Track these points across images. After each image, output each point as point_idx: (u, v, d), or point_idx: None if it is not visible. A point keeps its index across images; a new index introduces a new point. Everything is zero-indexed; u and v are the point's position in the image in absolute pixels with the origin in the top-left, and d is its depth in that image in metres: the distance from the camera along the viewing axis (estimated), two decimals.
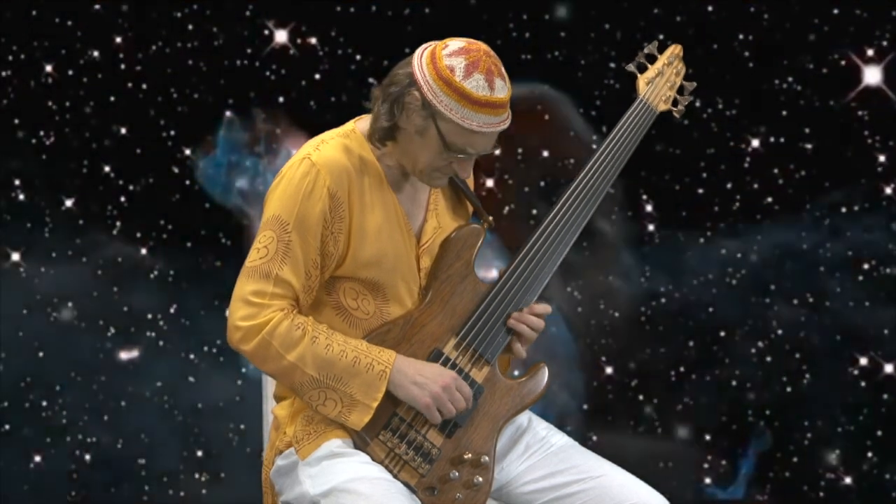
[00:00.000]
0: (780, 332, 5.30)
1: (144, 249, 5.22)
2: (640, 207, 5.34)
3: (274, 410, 3.01)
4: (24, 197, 5.19)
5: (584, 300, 5.35)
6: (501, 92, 2.81)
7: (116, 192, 5.23)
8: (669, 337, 5.33)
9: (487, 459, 2.90)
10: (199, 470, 5.20)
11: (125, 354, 5.21)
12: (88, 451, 5.17)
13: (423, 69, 2.81)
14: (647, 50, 3.15)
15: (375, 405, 2.83)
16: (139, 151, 5.23)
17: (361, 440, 2.86)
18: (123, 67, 5.22)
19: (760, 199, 5.32)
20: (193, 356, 5.22)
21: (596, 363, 5.34)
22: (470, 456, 2.89)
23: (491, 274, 3.06)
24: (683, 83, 3.17)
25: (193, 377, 5.21)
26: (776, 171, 5.31)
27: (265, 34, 5.27)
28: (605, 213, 5.33)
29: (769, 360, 5.30)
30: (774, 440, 5.31)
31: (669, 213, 5.34)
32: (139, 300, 5.22)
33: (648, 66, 3.15)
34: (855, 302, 5.26)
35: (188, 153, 5.27)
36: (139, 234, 5.22)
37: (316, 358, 2.82)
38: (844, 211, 5.26)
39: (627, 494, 2.94)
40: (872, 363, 5.26)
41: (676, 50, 3.17)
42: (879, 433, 5.26)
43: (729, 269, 5.31)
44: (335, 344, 2.84)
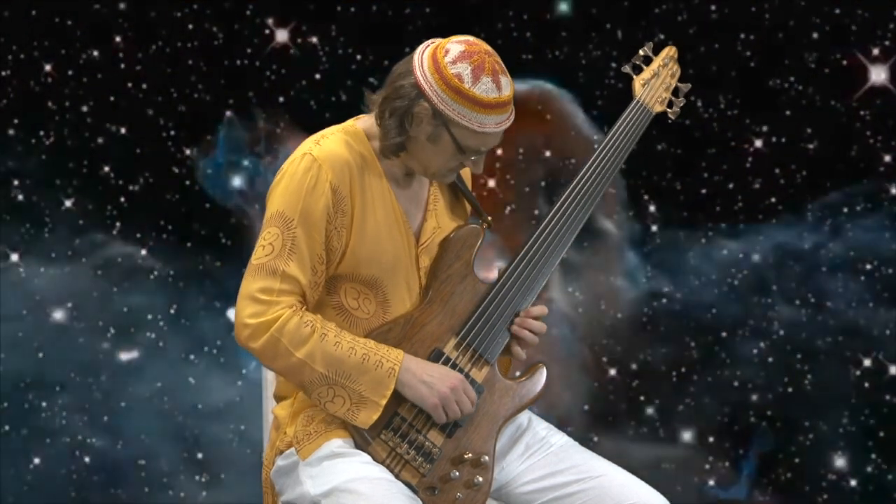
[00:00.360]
0: (781, 332, 5.30)
1: (144, 250, 5.22)
2: (641, 208, 5.34)
3: (274, 410, 3.03)
4: (23, 197, 5.18)
5: (585, 301, 5.35)
6: (507, 89, 2.87)
7: (116, 192, 5.22)
8: (671, 337, 5.33)
9: (487, 459, 2.93)
10: (198, 471, 5.20)
11: (125, 355, 5.21)
12: (88, 452, 5.17)
13: (427, 78, 2.84)
14: (642, 52, 3.18)
15: (384, 403, 2.85)
16: (139, 151, 5.23)
17: (363, 440, 2.88)
18: (123, 67, 5.21)
19: (762, 199, 5.33)
20: (193, 357, 5.21)
21: (598, 364, 5.35)
22: (470, 456, 2.92)
23: (493, 274, 3.08)
24: (678, 85, 3.20)
25: (193, 378, 5.21)
26: (778, 171, 5.31)
27: (266, 34, 5.27)
28: (607, 213, 5.33)
29: (771, 360, 5.31)
30: (777, 441, 5.32)
31: (671, 213, 5.34)
32: (139, 300, 5.20)
33: (644, 67, 3.19)
34: (858, 303, 5.26)
35: (188, 153, 5.26)
36: (139, 234, 5.21)
37: (325, 355, 2.84)
38: (847, 211, 5.26)
39: (627, 494, 2.97)
40: (875, 364, 5.27)
41: (671, 52, 3.21)
42: (882, 434, 5.26)
43: (731, 269, 5.31)
44: (344, 341, 2.86)
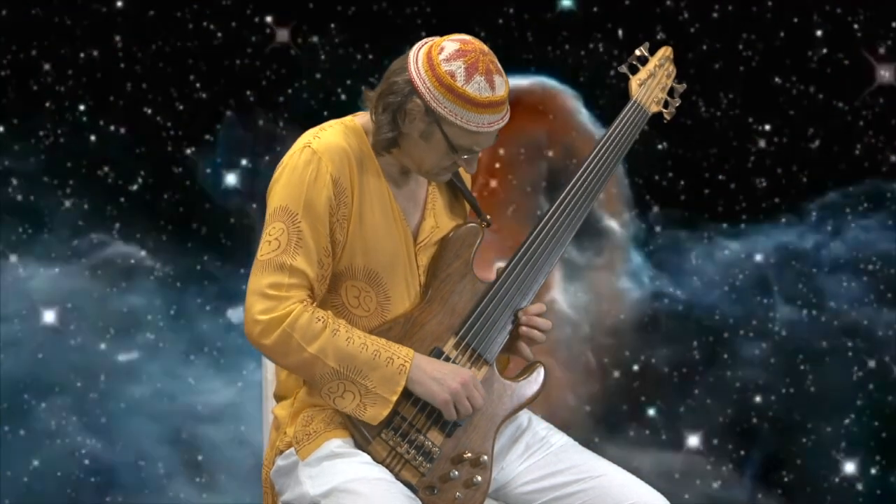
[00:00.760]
0: (784, 332, 5.32)
1: (143, 250, 5.23)
2: (644, 208, 5.36)
3: (274, 410, 3.06)
4: (21, 197, 5.18)
5: (587, 301, 5.37)
6: (501, 89, 2.89)
7: (116, 192, 5.23)
8: (673, 338, 5.36)
9: (486, 459, 2.96)
10: (198, 473, 5.21)
11: (124, 356, 5.22)
12: (86, 453, 5.18)
13: (421, 75, 2.87)
14: (638, 52, 3.22)
15: (395, 399, 2.88)
16: (139, 151, 5.24)
17: (363, 439, 2.92)
18: (123, 67, 5.23)
19: (765, 199, 5.35)
20: (193, 358, 5.22)
21: (600, 365, 5.37)
22: (469, 455, 2.96)
23: (493, 274, 3.12)
24: (674, 85, 3.25)
25: (192, 379, 5.22)
26: (780, 170, 5.33)
27: (266, 33, 5.29)
28: (610, 213, 5.34)
29: (774, 361, 5.33)
30: (780, 442, 5.35)
31: (673, 213, 5.35)
32: (138, 301, 5.21)
33: (640, 67, 3.22)
34: (861, 303, 5.28)
35: (188, 153, 5.27)
36: (139, 234, 5.22)
37: (337, 350, 2.87)
38: (851, 210, 5.28)
39: (627, 494, 3.00)
40: (879, 365, 5.28)
41: (667, 52, 3.25)
42: (884, 434, 5.29)
43: (734, 269, 5.33)
44: (356, 337, 2.89)
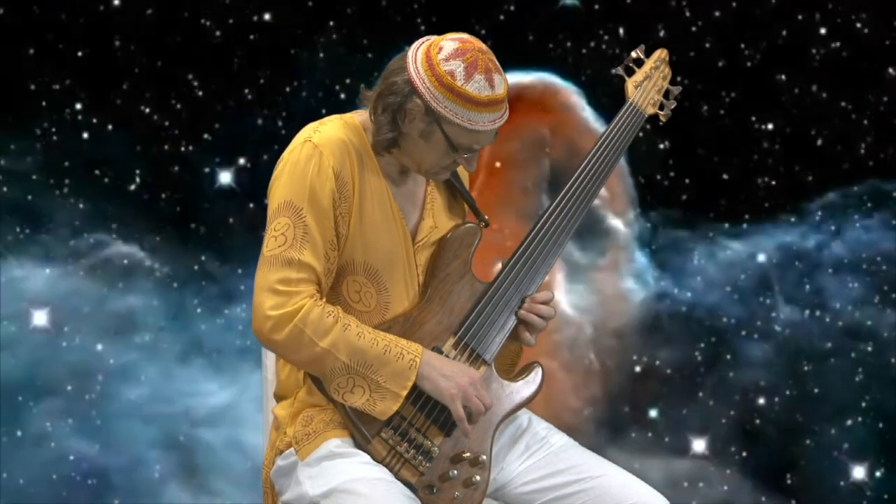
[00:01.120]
0: (787, 332, 5.35)
1: (142, 250, 5.24)
2: (646, 208, 5.39)
3: (274, 410, 3.10)
4: (18, 197, 5.19)
5: (590, 303, 5.40)
6: (500, 87, 2.94)
7: (114, 191, 5.23)
8: (676, 339, 5.39)
9: (485, 458, 3.01)
10: (197, 475, 5.23)
11: (122, 357, 5.23)
12: (81, 456, 5.19)
13: (420, 75, 2.92)
14: (634, 54, 3.29)
15: (405, 394, 2.93)
16: (139, 151, 5.25)
17: (363, 438, 2.96)
18: (122, 66, 5.24)
19: (768, 199, 5.38)
20: (192, 359, 5.24)
21: (603, 366, 5.39)
22: (468, 455, 3.01)
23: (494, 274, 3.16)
24: (669, 87, 3.31)
25: (191, 380, 5.24)
26: (783, 169, 5.36)
27: (265, 31, 5.31)
28: (614, 213, 5.37)
29: (777, 362, 5.36)
30: (786, 444, 5.38)
31: (675, 213, 5.38)
32: (136, 302, 5.22)
33: (636, 69, 3.29)
34: (866, 303, 5.30)
35: (186, 152, 5.29)
36: (137, 234, 5.23)
37: (348, 345, 2.91)
38: (854, 210, 5.31)
39: (628, 494, 3.05)
40: (884, 366, 5.31)
41: (663, 54, 3.32)
42: (888, 437, 5.32)
43: (736, 270, 5.36)
44: (366, 332, 2.94)
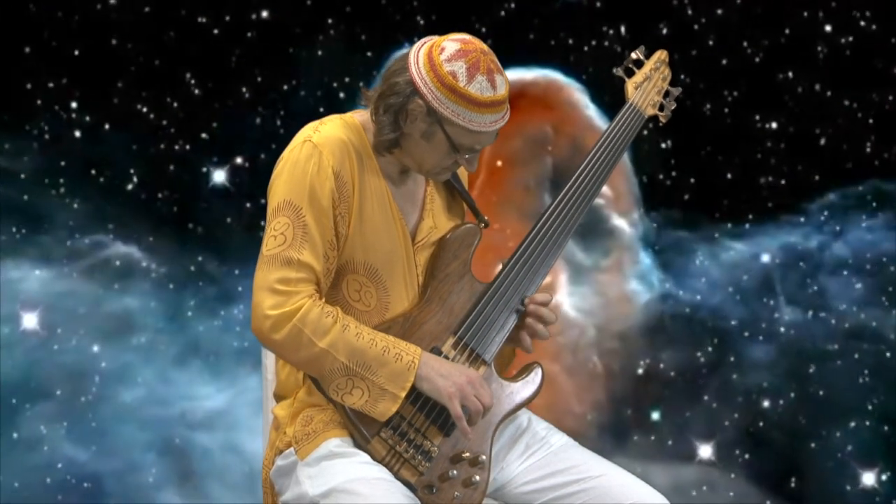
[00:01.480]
0: (792, 332, 5.38)
1: (139, 250, 5.25)
2: (649, 208, 5.42)
3: (274, 410, 3.16)
4: (14, 197, 5.19)
5: (593, 304, 5.43)
6: (502, 88, 3.00)
7: (111, 191, 5.25)
8: (680, 341, 5.43)
9: (485, 458, 3.07)
10: (195, 478, 5.26)
11: (118, 360, 5.25)
12: (80, 458, 5.21)
13: (422, 76, 2.97)
14: (634, 55, 3.35)
15: (403, 395, 2.98)
16: (136, 150, 5.26)
17: (363, 438, 3.01)
18: (120, 65, 5.25)
19: (771, 200, 5.41)
20: (190, 360, 5.26)
21: (607, 369, 5.42)
22: (468, 455, 3.06)
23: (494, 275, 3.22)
24: (669, 88, 3.37)
25: (190, 382, 5.27)
26: (787, 168, 5.39)
27: (263, 30, 5.33)
28: (619, 213, 5.41)
29: (782, 364, 5.40)
30: (791, 446, 5.42)
31: (678, 215, 5.41)
32: (133, 303, 5.24)
33: (636, 70, 3.35)
34: (870, 304, 5.33)
35: (186, 153, 5.30)
36: (134, 234, 5.24)
37: (347, 345, 2.97)
38: (858, 210, 5.33)
39: (628, 494, 3.11)
40: (889, 368, 5.34)
41: (663, 55, 3.38)
42: (893, 440, 5.35)
43: (740, 271, 5.39)
44: (365, 333, 2.99)
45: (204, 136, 5.32)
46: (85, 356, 5.24)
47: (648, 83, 3.34)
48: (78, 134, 5.25)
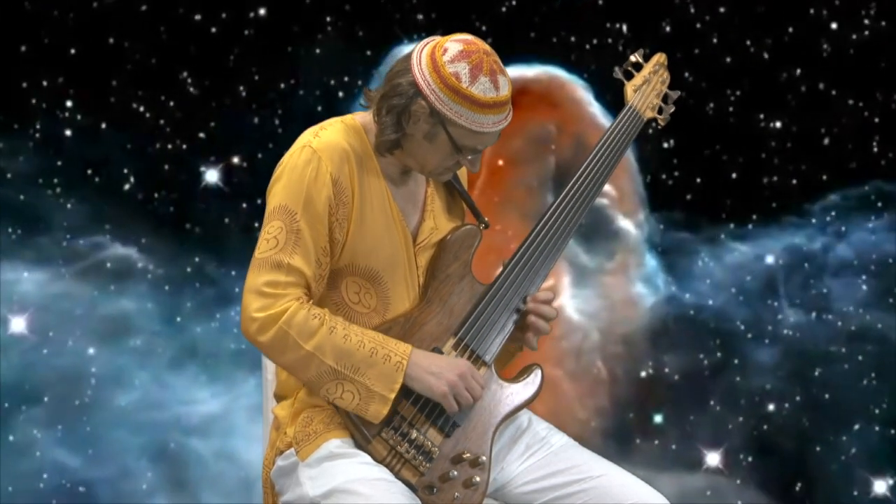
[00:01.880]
0: (796, 334, 5.41)
1: (136, 251, 5.27)
2: (652, 211, 5.45)
3: (274, 410, 3.21)
4: (10, 198, 5.21)
5: (597, 307, 5.46)
6: (505, 89, 3.06)
7: (108, 191, 5.27)
8: (685, 345, 5.46)
9: (485, 459, 3.13)
10: (194, 479, 5.27)
11: (117, 360, 5.27)
12: (74, 462, 5.24)
13: (425, 77, 3.04)
14: (633, 58, 3.42)
15: (393, 396, 3.03)
16: (132, 150, 5.28)
17: (363, 438, 3.07)
18: (116, 64, 5.27)
19: (775, 200, 5.43)
20: (186, 363, 5.29)
21: (611, 374, 5.45)
22: (468, 455, 3.13)
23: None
24: (668, 91, 3.43)
25: (186, 386, 5.30)
26: (791, 168, 5.42)
27: (261, 29, 5.36)
28: (622, 215, 5.44)
29: (786, 367, 5.43)
30: (797, 451, 5.46)
31: (680, 215, 5.44)
32: (130, 305, 5.26)
33: (635, 73, 3.41)
34: (876, 306, 5.37)
35: (183, 152, 5.33)
36: (131, 234, 5.26)
37: (334, 348, 3.02)
38: (862, 212, 5.36)
39: (628, 494, 3.17)
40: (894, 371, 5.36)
41: (661, 58, 3.45)
42: None
43: (742, 272, 5.42)
44: (352, 334, 3.05)
45: (201, 135, 5.34)
46: (81, 359, 5.25)
47: (647, 86, 3.39)
48: (74, 133, 5.26)
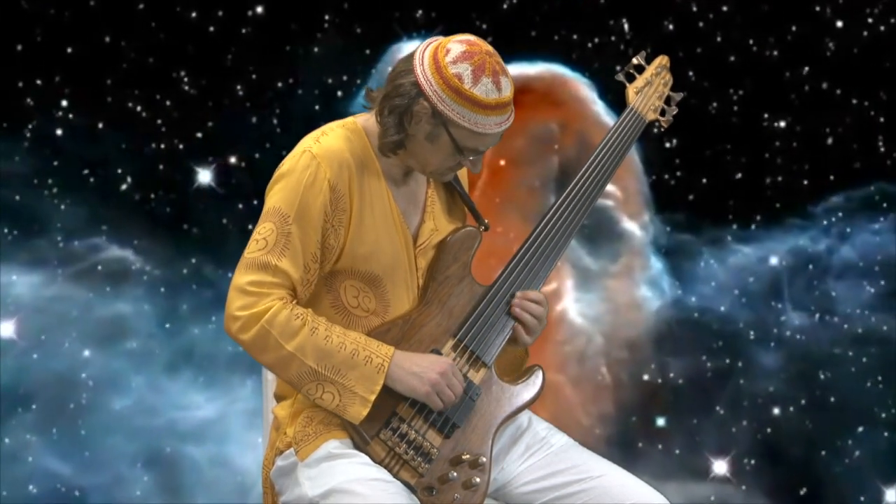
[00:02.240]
0: (800, 337, 5.44)
1: (133, 252, 5.29)
2: (654, 213, 5.48)
3: (274, 410, 3.27)
4: (6, 199, 5.24)
5: (600, 311, 5.49)
6: (507, 90, 3.12)
7: (104, 192, 5.30)
8: (687, 348, 5.50)
9: (485, 460, 3.18)
10: (189, 485, 5.30)
11: (112, 363, 5.29)
12: (68, 467, 5.27)
13: (427, 78, 3.09)
14: (635, 60, 3.47)
15: (373, 398, 3.08)
16: (129, 150, 5.31)
17: (362, 439, 3.12)
18: (116, 66, 5.30)
19: (778, 200, 5.47)
20: (182, 367, 5.32)
21: (615, 379, 5.49)
22: (468, 456, 3.18)
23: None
24: (670, 93, 3.48)
25: (182, 391, 5.33)
26: (795, 167, 5.44)
27: (259, 28, 5.39)
28: (625, 217, 5.46)
29: (791, 370, 5.46)
30: (803, 455, 5.49)
31: (684, 216, 5.48)
32: (126, 307, 5.29)
33: (637, 75, 3.47)
34: (880, 308, 5.40)
35: (180, 152, 5.36)
36: (128, 236, 5.28)
37: (315, 348, 3.07)
38: (866, 213, 5.39)
39: (628, 494, 3.23)
40: None
41: (664, 61, 3.51)
42: None
43: (745, 274, 5.45)
44: (334, 335, 3.09)
45: (198, 135, 5.37)
46: (76, 362, 5.28)
47: (649, 88, 3.45)
48: (70, 133, 5.28)
